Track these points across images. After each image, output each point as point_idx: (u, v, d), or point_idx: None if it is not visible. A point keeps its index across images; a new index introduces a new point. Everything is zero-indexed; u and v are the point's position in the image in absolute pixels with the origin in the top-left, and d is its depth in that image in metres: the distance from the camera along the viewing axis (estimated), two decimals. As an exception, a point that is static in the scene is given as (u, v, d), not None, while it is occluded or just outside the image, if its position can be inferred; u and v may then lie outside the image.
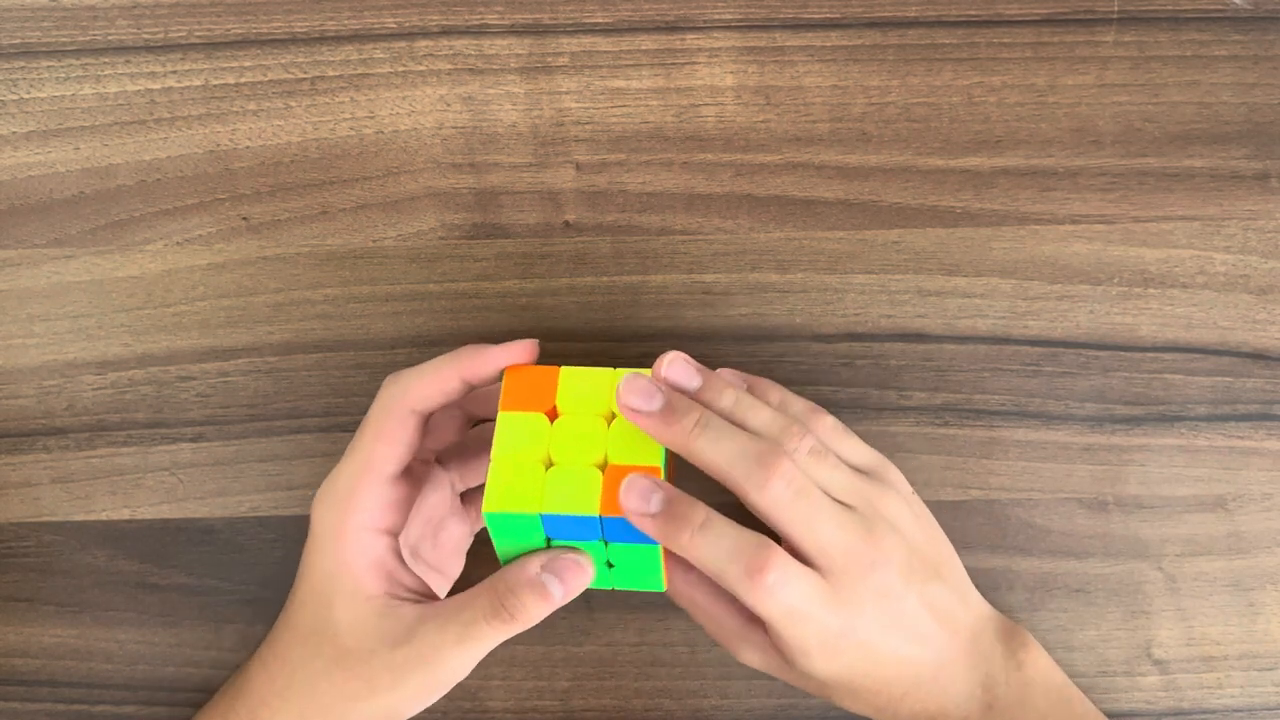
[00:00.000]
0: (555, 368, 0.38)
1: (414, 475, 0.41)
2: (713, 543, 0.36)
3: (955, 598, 0.41)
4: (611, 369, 0.38)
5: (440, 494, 0.44)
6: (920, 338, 0.47)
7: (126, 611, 0.47)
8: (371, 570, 0.39)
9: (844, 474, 0.39)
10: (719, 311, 0.47)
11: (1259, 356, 0.46)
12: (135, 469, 0.47)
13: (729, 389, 0.39)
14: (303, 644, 0.39)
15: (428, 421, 0.40)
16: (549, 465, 0.37)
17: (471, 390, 0.40)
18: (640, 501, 0.36)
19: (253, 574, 0.47)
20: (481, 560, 0.46)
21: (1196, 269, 0.46)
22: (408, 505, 0.40)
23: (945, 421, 0.47)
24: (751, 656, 0.41)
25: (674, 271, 0.47)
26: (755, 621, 0.40)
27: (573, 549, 0.38)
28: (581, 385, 0.38)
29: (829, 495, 0.38)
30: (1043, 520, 0.46)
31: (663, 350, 0.39)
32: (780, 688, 0.47)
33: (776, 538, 0.37)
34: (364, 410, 0.42)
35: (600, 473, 0.37)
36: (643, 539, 0.37)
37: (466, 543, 0.45)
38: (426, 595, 0.39)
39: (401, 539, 0.42)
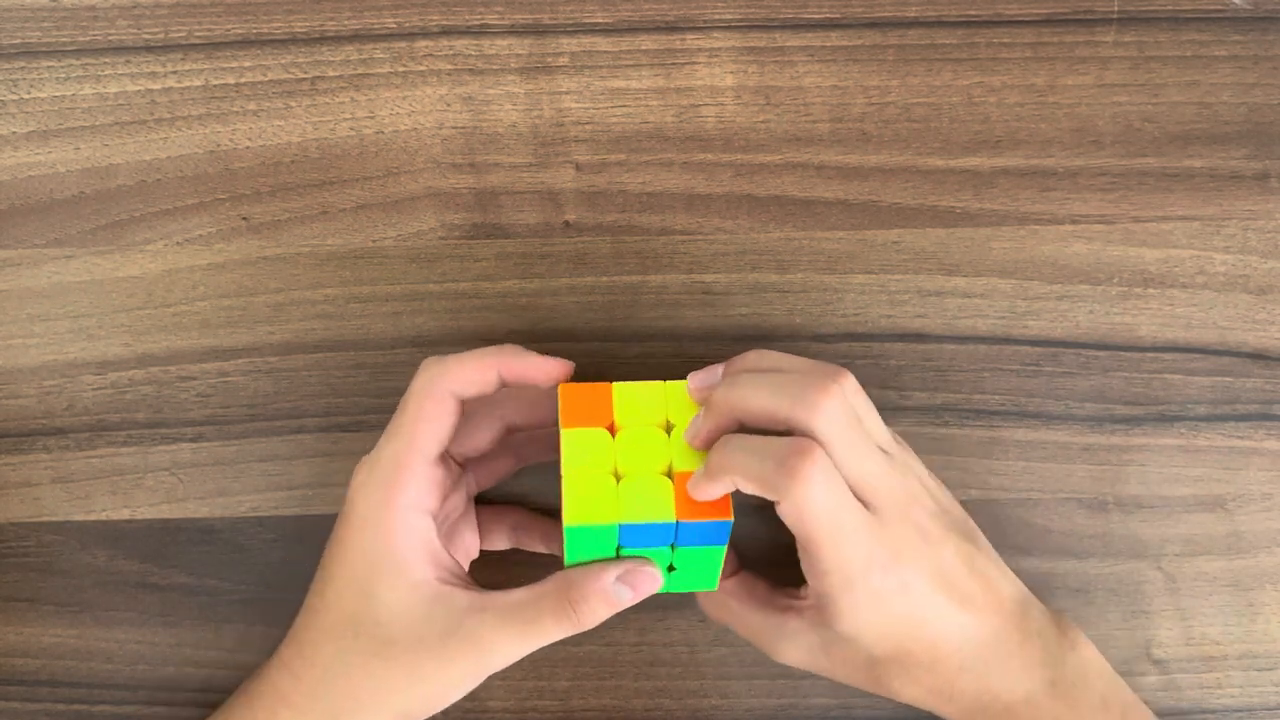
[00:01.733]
0: (607, 384, 0.39)
1: (447, 465, 0.41)
2: (742, 448, 0.37)
3: (993, 565, 0.40)
4: (661, 382, 0.40)
5: (458, 494, 0.43)
6: (920, 338, 0.47)
7: (126, 611, 0.47)
8: (419, 553, 0.38)
9: (878, 425, 0.40)
10: (719, 311, 0.47)
11: (1259, 356, 0.46)
12: (135, 469, 0.47)
13: (745, 377, 0.39)
14: (336, 638, 0.38)
15: (463, 411, 0.40)
16: (619, 477, 0.38)
17: (503, 387, 0.40)
18: (691, 436, 0.38)
19: (253, 574, 0.47)
20: (484, 564, 0.46)
21: (1196, 269, 0.46)
22: (444, 492, 0.40)
23: (945, 421, 0.47)
24: (791, 650, 0.40)
25: (674, 271, 0.47)
26: (788, 609, 0.40)
27: (644, 559, 0.39)
28: (636, 399, 0.39)
29: None
30: (1043, 520, 0.46)
31: (663, 351, 0.39)
32: (780, 687, 0.47)
33: None
34: (364, 410, 0.42)
35: (670, 480, 0.38)
36: (710, 541, 0.38)
37: (473, 555, 0.45)
38: (467, 581, 0.39)
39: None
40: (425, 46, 0.46)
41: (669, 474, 0.38)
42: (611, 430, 0.39)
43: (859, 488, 0.37)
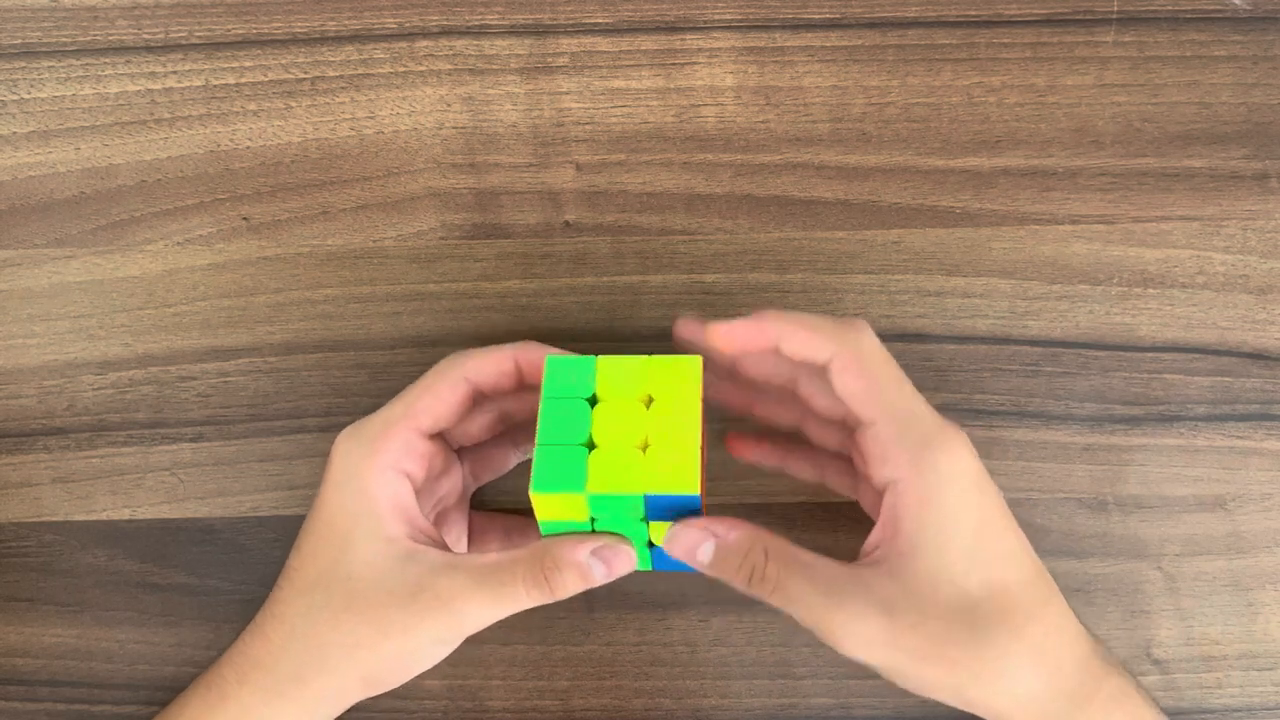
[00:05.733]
0: (592, 357, 0.39)
1: (442, 449, 0.41)
2: (797, 315, 0.38)
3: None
4: (645, 356, 0.39)
5: (452, 481, 0.43)
6: (920, 338, 0.47)
7: (126, 611, 0.47)
8: (395, 510, 0.38)
9: None
10: (719, 311, 0.47)
11: (1258, 356, 0.46)
12: (135, 469, 0.47)
13: (756, 317, 0.39)
14: (308, 594, 0.38)
15: (475, 399, 0.40)
16: (592, 448, 0.38)
17: (521, 382, 0.40)
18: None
19: (253, 574, 0.47)
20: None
21: (1196, 269, 0.46)
22: (428, 467, 0.40)
23: (945, 421, 0.47)
24: (858, 632, 0.34)
25: (674, 271, 0.47)
26: (858, 567, 0.36)
27: (620, 536, 0.39)
28: (619, 372, 0.39)
29: None
30: (1043, 520, 0.46)
31: (663, 351, 0.39)
32: (780, 687, 0.47)
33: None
34: (364, 410, 0.42)
35: (642, 453, 0.37)
36: (681, 516, 0.38)
37: (462, 544, 0.45)
38: (442, 543, 0.39)
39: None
40: (425, 46, 0.47)
41: (643, 448, 0.38)
42: (592, 402, 0.39)
43: (902, 411, 0.37)
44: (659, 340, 0.47)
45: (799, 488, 0.45)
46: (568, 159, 0.47)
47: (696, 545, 0.37)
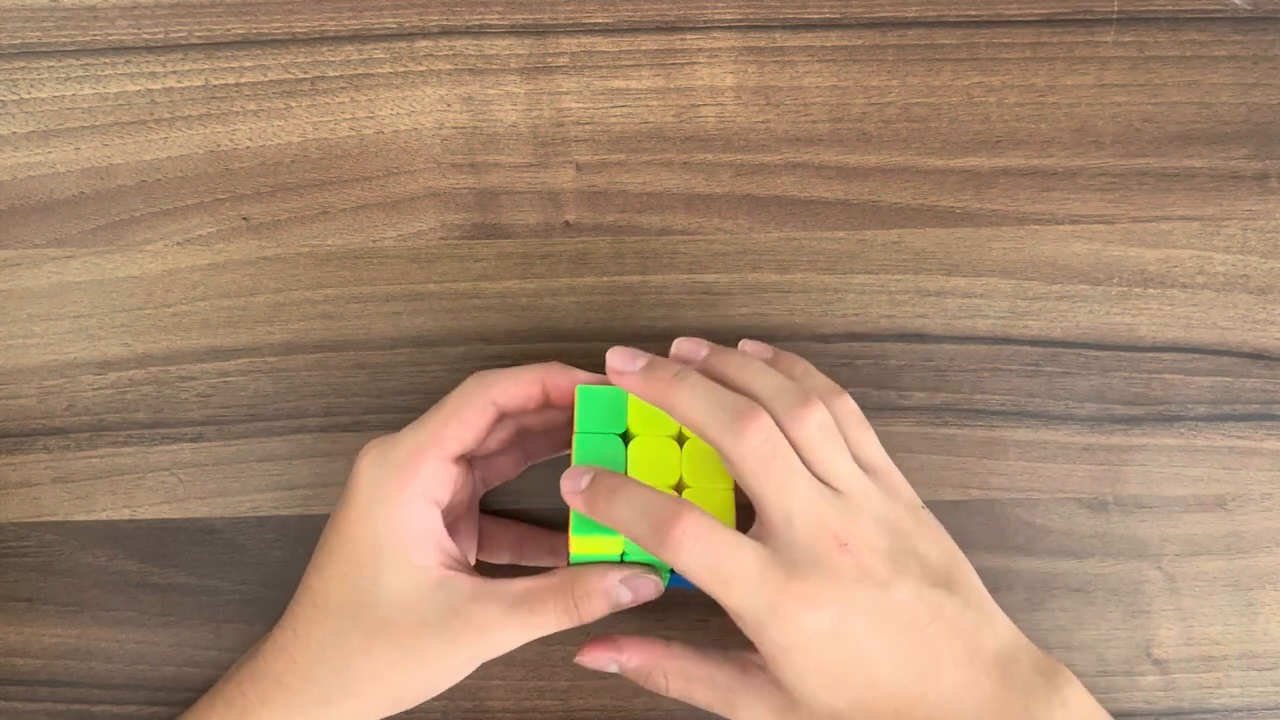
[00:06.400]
0: (623, 390, 0.40)
1: (464, 466, 0.41)
2: (625, 502, 0.36)
3: (974, 614, 0.37)
4: None
5: (463, 493, 0.43)
6: (920, 338, 0.47)
7: (126, 611, 0.47)
8: (426, 538, 0.38)
9: (846, 462, 0.38)
10: (719, 311, 0.47)
11: (1258, 356, 0.46)
12: (135, 469, 0.47)
13: (739, 356, 0.39)
14: (335, 619, 0.38)
15: (500, 422, 0.40)
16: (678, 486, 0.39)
17: (547, 403, 0.40)
18: (572, 483, 0.37)
19: (253, 574, 0.47)
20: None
21: (1196, 269, 0.46)
22: (453, 490, 0.40)
23: (945, 421, 0.47)
24: (753, 708, 0.38)
25: (674, 271, 0.47)
26: (750, 665, 0.39)
27: (648, 566, 0.39)
28: (650, 406, 0.39)
29: (816, 477, 0.37)
30: (1043, 520, 0.46)
31: (663, 351, 0.39)
32: (780, 687, 0.47)
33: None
34: (364, 410, 0.42)
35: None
36: None
37: (471, 552, 0.45)
38: (471, 569, 0.39)
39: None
40: (425, 46, 0.46)
41: (678, 487, 0.39)
42: (625, 438, 0.39)
43: (771, 525, 0.36)
44: (659, 340, 0.47)
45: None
46: (568, 159, 0.47)
47: (605, 665, 0.40)
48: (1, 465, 0.47)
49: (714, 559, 0.35)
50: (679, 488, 0.39)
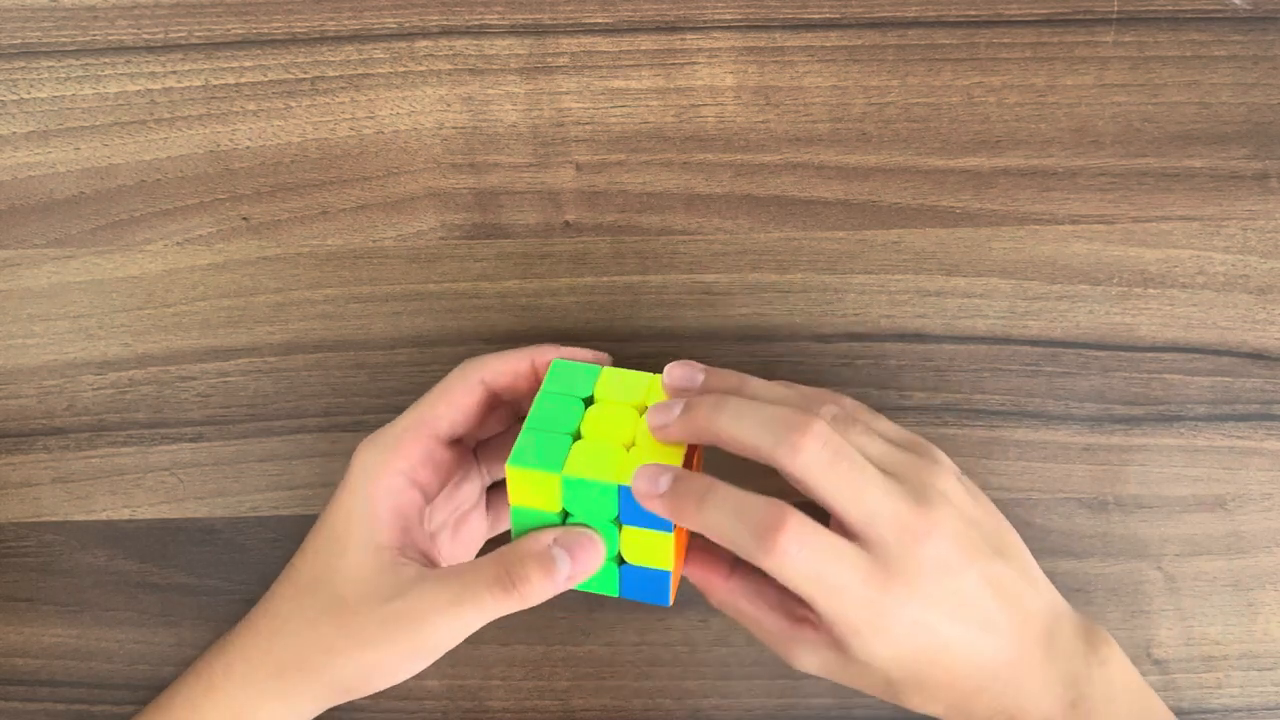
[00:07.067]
0: (596, 366, 0.40)
1: (460, 455, 0.41)
2: (718, 507, 0.35)
3: (1023, 581, 0.38)
4: (650, 374, 0.40)
5: (472, 485, 0.44)
6: (920, 338, 0.47)
7: (126, 611, 0.47)
8: (393, 517, 0.38)
9: (881, 443, 0.38)
10: (719, 311, 0.47)
11: (1258, 356, 0.46)
12: (135, 469, 0.47)
13: (735, 374, 0.39)
14: (299, 594, 0.39)
15: (491, 403, 0.40)
16: (578, 438, 0.38)
17: (536, 384, 0.40)
18: (649, 484, 0.36)
19: (253, 574, 0.47)
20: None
21: (1196, 269, 0.46)
22: (445, 476, 0.40)
23: (945, 421, 0.47)
24: (806, 658, 0.38)
25: (674, 271, 0.47)
26: (803, 620, 0.38)
27: (585, 526, 0.38)
28: (620, 383, 0.40)
29: (870, 461, 0.37)
30: (1043, 520, 0.46)
31: (663, 351, 0.39)
32: (780, 687, 0.47)
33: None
34: (364, 410, 0.42)
35: (625, 450, 0.38)
36: (655, 524, 0.38)
37: (481, 543, 0.45)
38: (430, 562, 0.39)
39: (425, 518, 0.41)
40: (425, 46, 0.46)
41: (629, 447, 0.38)
42: (588, 403, 0.40)
43: (862, 529, 0.36)
44: (659, 340, 0.47)
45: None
46: (567, 159, 0.47)
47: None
48: (1, 465, 0.47)
49: (821, 568, 0.35)
50: (629, 447, 0.38)
